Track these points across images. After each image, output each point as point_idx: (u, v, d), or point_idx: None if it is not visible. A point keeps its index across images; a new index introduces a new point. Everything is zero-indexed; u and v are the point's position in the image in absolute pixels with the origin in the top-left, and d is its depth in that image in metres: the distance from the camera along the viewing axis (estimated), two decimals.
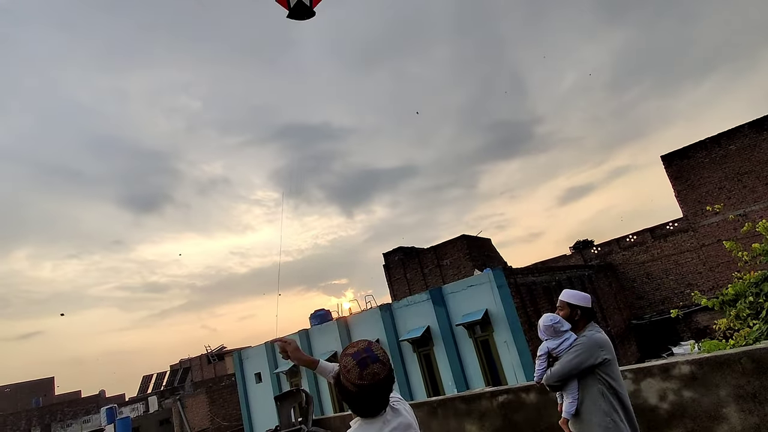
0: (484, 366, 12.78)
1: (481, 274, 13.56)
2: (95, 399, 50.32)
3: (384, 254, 27.86)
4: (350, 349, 1.70)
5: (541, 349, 2.98)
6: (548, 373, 2.85)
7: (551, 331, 2.93)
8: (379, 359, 1.66)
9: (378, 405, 1.67)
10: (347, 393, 1.65)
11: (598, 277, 21.83)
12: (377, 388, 1.63)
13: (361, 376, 1.60)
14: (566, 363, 2.77)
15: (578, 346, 2.77)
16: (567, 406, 2.77)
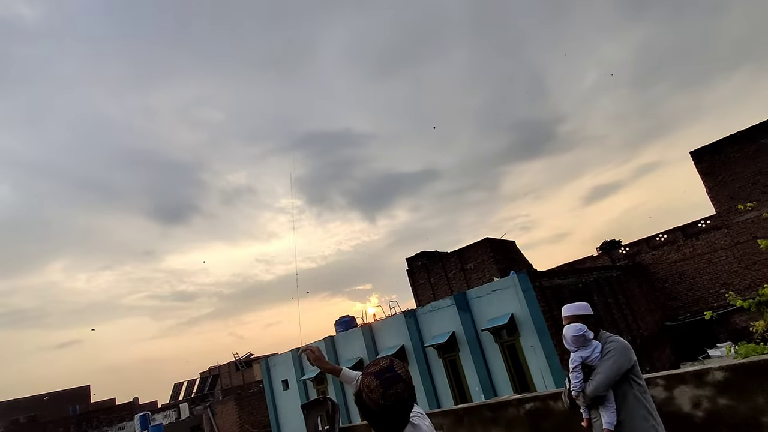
0: (511, 371, 12.60)
1: (503, 279, 13.39)
2: (129, 406, 51.59)
3: (407, 259, 27.79)
4: (373, 368, 1.70)
5: (575, 360, 2.89)
6: (591, 384, 2.74)
7: (581, 341, 2.86)
8: (402, 378, 1.65)
9: (399, 424, 1.67)
10: (370, 412, 1.65)
11: (626, 278, 21.28)
12: (400, 409, 1.63)
13: (385, 397, 1.60)
14: (608, 369, 2.69)
15: (612, 351, 2.72)
16: (609, 417, 2.67)
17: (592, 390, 2.74)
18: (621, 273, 20.99)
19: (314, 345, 2.60)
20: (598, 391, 2.71)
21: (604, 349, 2.77)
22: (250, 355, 37.87)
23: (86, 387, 63.59)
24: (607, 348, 2.77)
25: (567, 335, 2.92)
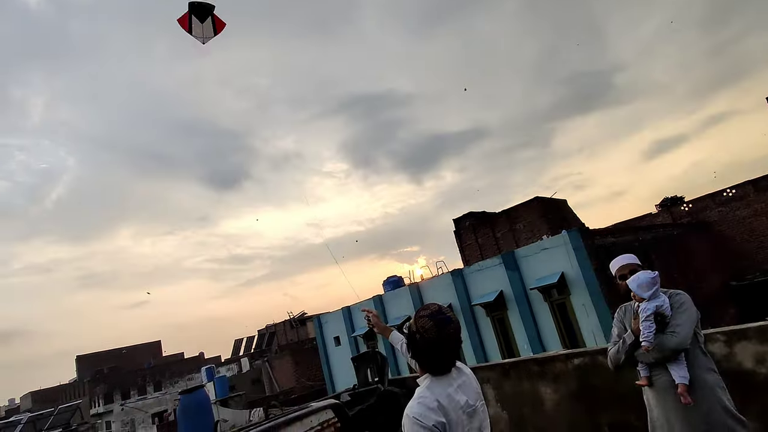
0: (561, 330, 12.44)
1: (553, 238, 13.03)
2: (196, 360, 55.85)
3: (454, 220, 27.54)
4: (425, 311, 1.83)
5: (647, 309, 2.61)
6: (675, 337, 2.48)
7: (657, 286, 2.63)
8: (452, 320, 1.80)
9: (449, 362, 1.80)
10: (423, 351, 1.78)
11: (688, 236, 20.12)
12: (451, 347, 1.77)
13: (438, 336, 1.74)
14: (688, 321, 2.49)
15: (685, 304, 2.53)
16: (682, 371, 2.47)
17: (678, 343, 2.48)
18: (682, 231, 19.86)
19: (375, 312, 2.92)
20: (684, 344, 2.47)
21: (674, 301, 2.57)
22: (303, 313, 39.55)
23: (158, 342, 69.31)
24: (677, 300, 2.57)
25: (640, 281, 2.67)
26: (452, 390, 1.75)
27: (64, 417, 18.79)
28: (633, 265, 2.80)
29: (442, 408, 1.68)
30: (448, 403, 1.71)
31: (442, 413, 1.67)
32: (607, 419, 3.67)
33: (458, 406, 1.72)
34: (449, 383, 1.77)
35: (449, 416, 1.68)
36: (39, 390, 57.36)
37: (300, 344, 32.37)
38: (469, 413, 1.74)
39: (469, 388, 1.83)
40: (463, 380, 1.83)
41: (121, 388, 40.74)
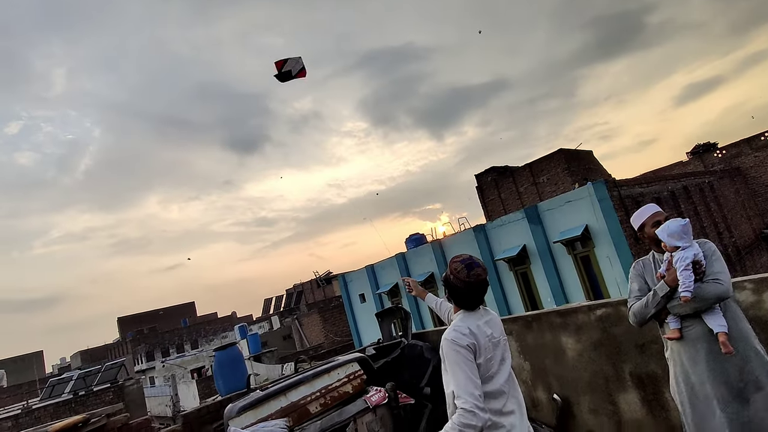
0: (584, 282, 12.41)
1: (577, 190, 12.76)
2: (229, 319, 58.31)
3: (476, 175, 27.21)
4: (457, 258, 2.26)
5: (686, 257, 2.44)
6: (722, 284, 2.35)
7: (689, 233, 2.49)
8: (481, 265, 2.21)
9: (478, 300, 2.20)
10: (457, 289, 2.18)
11: (721, 183, 19.42)
12: (480, 286, 2.17)
13: (469, 276, 2.15)
14: (724, 268, 2.40)
15: (715, 252, 2.43)
16: (719, 320, 2.35)
17: (724, 291, 2.35)
18: (714, 179, 19.15)
19: (413, 280, 3.18)
20: (729, 292, 2.36)
21: (704, 249, 2.46)
22: (329, 273, 40.44)
23: (192, 303, 72.43)
24: (707, 248, 2.47)
25: (671, 230, 2.51)
26: (481, 323, 2.15)
27: (110, 373, 20.07)
28: (660, 214, 2.67)
29: (473, 334, 2.07)
30: (477, 331, 2.09)
31: (473, 338, 2.05)
32: (629, 368, 3.69)
33: (485, 335, 2.11)
34: (478, 318, 2.17)
35: (479, 341, 2.06)
36: (86, 349, 61.19)
37: (327, 302, 33.31)
38: (494, 343, 2.13)
39: (495, 324, 2.22)
40: (490, 318, 2.23)
41: (161, 347, 43.06)
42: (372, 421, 3.99)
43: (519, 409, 2.12)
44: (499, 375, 2.09)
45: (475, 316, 2.18)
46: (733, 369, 2.31)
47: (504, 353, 2.17)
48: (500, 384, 2.07)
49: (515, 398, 2.13)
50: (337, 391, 4.12)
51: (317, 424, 3.69)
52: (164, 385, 24.44)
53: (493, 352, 2.10)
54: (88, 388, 18.65)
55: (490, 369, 2.07)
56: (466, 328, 2.08)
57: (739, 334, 2.33)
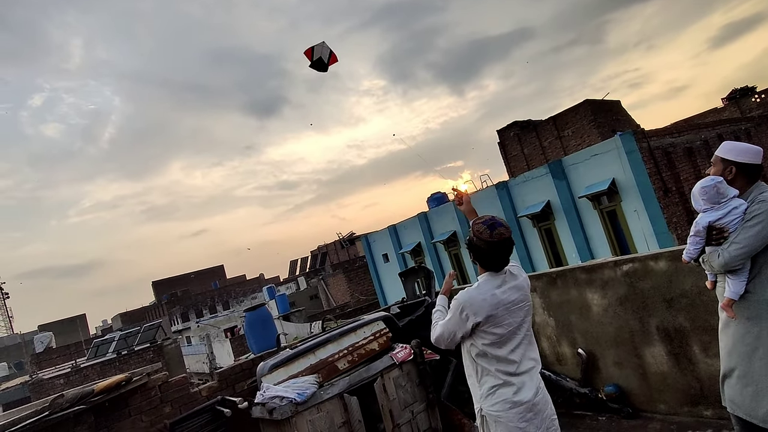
0: (611, 237, 12.22)
1: (603, 143, 12.36)
2: (257, 281, 60.12)
3: (498, 131, 26.57)
4: (479, 219, 2.23)
5: (699, 223, 2.28)
6: (722, 256, 2.18)
7: (713, 195, 2.22)
8: (504, 224, 2.18)
9: (502, 261, 2.19)
10: (479, 250, 2.17)
11: (759, 130, 18.47)
12: (503, 246, 2.15)
13: (491, 236, 2.12)
14: (750, 239, 2.10)
15: (761, 216, 2.08)
16: (736, 286, 2.20)
17: (721, 263, 2.19)
18: (752, 125, 18.22)
19: (466, 191, 3.08)
20: (730, 264, 2.17)
21: (750, 211, 2.13)
22: (352, 234, 40.90)
23: (221, 266, 74.73)
24: (753, 210, 2.12)
25: (693, 192, 2.34)
26: (502, 289, 2.14)
27: (149, 334, 21.16)
28: (714, 158, 2.34)
29: (481, 305, 2.10)
30: (492, 300, 2.11)
31: (480, 310, 2.10)
32: (656, 322, 3.67)
33: (502, 303, 2.12)
34: (500, 282, 2.16)
35: (487, 311, 2.10)
36: (126, 312, 64.41)
37: (351, 262, 33.89)
38: (512, 310, 2.14)
39: (519, 288, 2.21)
40: (516, 282, 2.21)
41: (194, 308, 44.91)
42: (398, 377, 4.12)
43: (532, 368, 2.17)
44: (511, 341, 2.13)
45: (497, 280, 2.17)
46: (750, 339, 2.20)
47: (524, 317, 2.19)
48: (510, 350, 2.13)
49: (529, 359, 2.18)
50: (364, 349, 4.24)
51: (346, 379, 3.83)
52: (200, 344, 25.68)
53: (509, 318, 2.13)
54: (130, 348, 19.76)
55: (502, 335, 2.12)
56: (475, 298, 2.14)
57: (757, 297, 2.16)
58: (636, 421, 3.74)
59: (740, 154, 2.24)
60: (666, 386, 3.70)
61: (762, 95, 22.87)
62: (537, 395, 2.12)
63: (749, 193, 2.21)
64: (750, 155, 2.23)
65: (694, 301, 3.40)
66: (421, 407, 4.19)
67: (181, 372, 18.80)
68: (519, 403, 2.07)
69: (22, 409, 3.44)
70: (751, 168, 2.22)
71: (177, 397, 3.88)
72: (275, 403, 3.49)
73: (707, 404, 3.45)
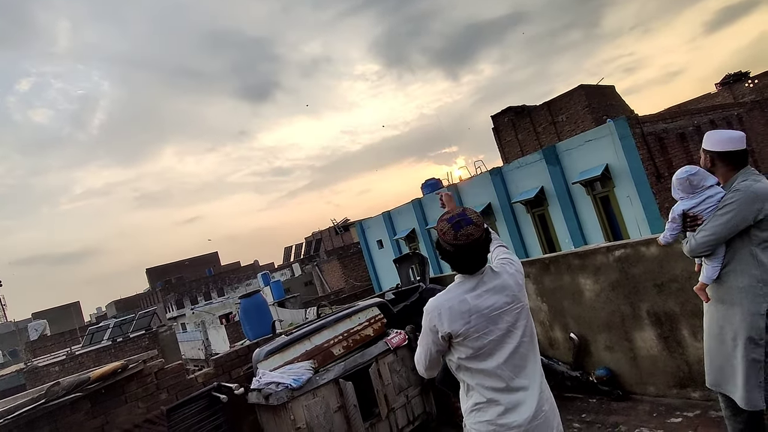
0: (603, 223, 12.31)
1: (597, 128, 12.38)
2: (252, 267, 60.15)
3: (493, 117, 26.50)
4: (444, 216, 1.84)
5: (674, 210, 2.40)
6: (690, 242, 2.30)
7: (686, 186, 2.34)
8: (473, 222, 1.76)
9: (474, 263, 1.79)
10: (445, 252, 1.80)
11: (751, 115, 18.56)
12: (472, 248, 1.75)
13: (456, 237, 1.74)
14: (717, 227, 2.17)
15: (732, 205, 2.15)
16: (709, 271, 2.29)
17: (690, 250, 2.31)
18: (744, 111, 18.29)
19: (449, 194, 2.65)
20: (697, 251, 2.27)
21: (724, 199, 2.21)
22: (346, 220, 40.92)
23: (215, 253, 74.63)
24: (726, 198, 2.19)
25: (673, 179, 2.44)
26: (472, 295, 1.76)
27: (144, 321, 21.18)
28: (702, 150, 2.40)
29: (450, 311, 1.74)
30: (459, 306, 1.74)
31: (447, 322, 1.74)
32: (647, 306, 3.72)
33: (474, 310, 1.73)
34: (473, 287, 1.78)
35: (450, 322, 1.73)
36: (120, 299, 64.33)
37: (345, 249, 33.94)
38: (492, 317, 1.74)
39: (502, 291, 1.79)
40: (496, 283, 1.80)
41: (189, 295, 44.93)
42: (393, 362, 4.16)
43: (529, 384, 1.77)
44: (499, 351, 1.75)
45: (470, 283, 1.79)
46: (727, 325, 2.30)
47: (515, 322, 1.79)
48: (499, 361, 1.75)
49: (524, 373, 1.78)
50: (359, 334, 4.28)
51: (341, 365, 3.87)
52: (195, 331, 25.76)
53: (489, 326, 1.74)
54: (125, 335, 19.79)
55: (482, 347, 1.74)
56: (442, 306, 1.78)
57: (730, 283, 2.25)
58: (626, 403, 3.82)
59: (716, 143, 2.30)
60: (656, 369, 3.77)
61: (755, 81, 22.93)
62: (535, 419, 1.72)
63: (733, 180, 2.26)
64: (726, 143, 2.27)
65: (684, 286, 3.45)
66: (415, 391, 4.25)
67: (177, 359, 18.89)
68: (506, 426, 1.70)
69: (18, 397, 3.45)
70: (730, 155, 2.26)
71: (173, 383, 3.91)
72: (271, 389, 3.53)
73: (695, 386, 3.53)
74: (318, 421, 3.59)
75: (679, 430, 3.20)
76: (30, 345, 30.64)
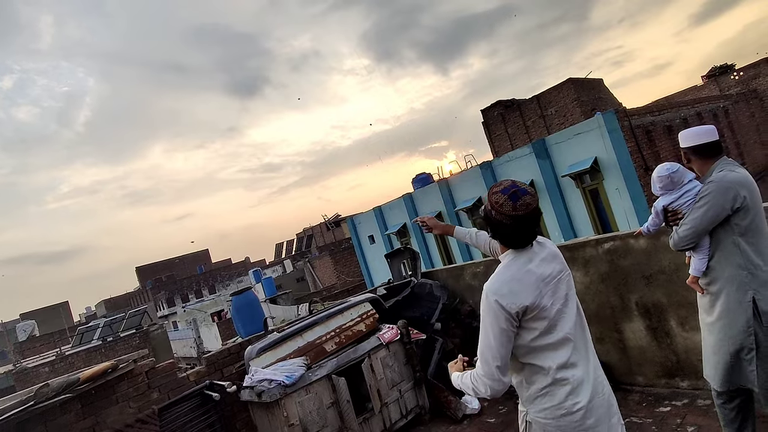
0: (593, 215, 12.42)
1: (585, 122, 12.46)
2: (243, 264, 59.87)
3: (482, 111, 26.55)
4: (497, 187, 1.76)
5: (656, 206, 2.49)
6: (673, 236, 2.37)
7: (668, 183, 2.40)
8: (528, 191, 1.71)
9: (530, 235, 1.73)
10: (502, 226, 1.70)
11: (736, 108, 18.81)
12: (530, 218, 1.68)
13: (515, 208, 1.66)
14: (697, 220, 2.24)
15: (707, 197, 2.21)
16: (697, 263, 2.35)
17: (673, 244, 2.38)
18: (729, 103, 18.52)
19: (427, 216, 2.62)
20: (680, 244, 2.34)
21: (700, 192, 2.27)
22: (337, 215, 40.83)
23: (206, 250, 74.18)
24: (702, 191, 2.25)
25: (653, 175, 2.49)
26: (533, 265, 1.71)
27: (134, 320, 21.00)
28: (682, 149, 2.46)
29: (517, 290, 1.65)
30: (527, 278, 1.68)
31: (515, 296, 1.65)
32: (636, 298, 3.77)
33: (540, 279, 1.68)
34: (529, 259, 1.72)
35: (525, 293, 1.65)
36: (110, 298, 63.70)
37: (337, 244, 33.91)
38: (553, 286, 1.70)
39: (552, 259, 1.76)
40: (546, 253, 1.77)
41: (180, 293, 44.65)
42: (386, 357, 4.17)
43: (586, 358, 1.72)
44: (562, 321, 1.69)
45: (525, 256, 1.72)
46: (717, 317, 2.35)
47: (568, 292, 1.75)
48: (565, 331, 1.69)
49: (583, 343, 1.74)
50: (351, 330, 4.28)
51: (334, 361, 3.87)
52: (187, 329, 25.60)
53: (553, 297, 1.69)
54: (115, 334, 19.62)
55: (548, 319, 1.67)
56: (509, 282, 1.68)
57: (717, 274, 2.30)
58: (616, 393, 3.86)
59: (687, 139, 2.38)
60: (645, 359, 3.82)
61: (740, 73, 23.20)
62: (595, 396, 1.67)
63: (710, 172, 2.32)
64: (696, 137, 2.35)
65: (671, 277, 3.50)
66: (408, 386, 4.27)
67: (169, 357, 18.78)
68: (575, 407, 1.63)
69: (7, 399, 3.41)
70: (702, 148, 2.34)
71: (165, 382, 3.88)
72: (264, 386, 3.52)
73: (683, 376, 3.58)
74: (311, 417, 3.60)
75: (668, 419, 3.25)
76: (19, 346, 30.27)
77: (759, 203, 2.26)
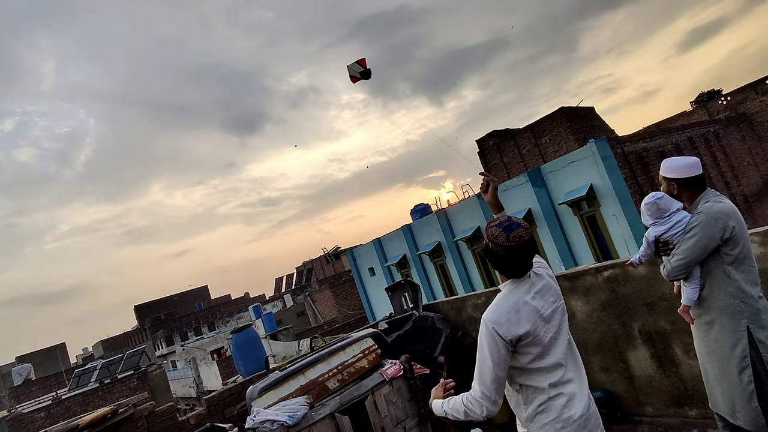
0: (592, 242, 12.44)
1: (579, 150, 12.65)
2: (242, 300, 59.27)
3: (477, 141, 26.94)
4: (494, 222, 1.94)
5: (647, 237, 2.53)
6: (666, 267, 2.43)
7: (654, 211, 2.46)
8: (522, 225, 1.87)
9: (525, 266, 1.88)
10: (497, 257, 1.87)
11: (726, 132, 19.13)
12: (523, 249, 1.83)
13: (509, 239, 1.83)
14: (688, 250, 2.29)
15: (697, 228, 2.27)
16: (689, 293, 2.39)
17: (666, 274, 2.43)
18: (719, 127, 18.86)
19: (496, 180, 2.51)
20: (673, 275, 2.39)
21: (690, 222, 2.33)
22: (337, 248, 40.74)
23: (205, 287, 73.54)
24: (692, 222, 2.31)
25: (642, 205, 2.55)
26: (529, 297, 1.85)
27: (133, 360, 20.61)
28: (660, 177, 2.53)
29: (513, 320, 1.80)
30: (524, 310, 1.83)
31: (512, 325, 1.79)
32: (638, 326, 3.75)
33: (535, 311, 1.83)
34: (527, 290, 1.87)
35: (520, 324, 1.80)
36: (107, 338, 62.64)
37: (337, 277, 33.68)
38: (546, 317, 1.85)
39: (547, 290, 1.91)
40: (542, 285, 1.91)
41: (179, 331, 43.97)
42: (389, 393, 4.11)
43: (578, 376, 1.89)
44: (555, 348, 1.85)
45: (523, 288, 1.88)
46: (709, 344, 2.39)
47: (560, 322, 1.90)
48: (557, 357, 1.85)
49: (574, 365, 1.90)
50: (354, 367, 4.23)
51: (337, 399, 3.81)
52: (186, 368, 25.09)
53: (546, 326, 1.85)
54: (113, 376, 19.21)
55: (542, 346, 1.84)
56: (507, 312, 1.83)
57: (710, 303, 2.34)
58: (625, 425, 3.80)
59: (676, 170, 2.44)
60: (652, 389, 3.77)
61: (728, 98, 23.72)
62: (589, 408, 1.85)
63: (697, 203, 2.39)
64: (685, 169, 2.42)
65: (674, 304, 3.49)
66: (413, 423, 4.19)
67: (168, 398, 18.34)
68: (571, 419, 1.79)
69: None
70: (691, 180, 2.40)
71: (165, 426, 3.81)
72: (266, 428, 3.46)
73: (692, 404, 3.53)
74: None
75: None
76: (14, 391, 29.56)
77: (746, 233, 2.31)
